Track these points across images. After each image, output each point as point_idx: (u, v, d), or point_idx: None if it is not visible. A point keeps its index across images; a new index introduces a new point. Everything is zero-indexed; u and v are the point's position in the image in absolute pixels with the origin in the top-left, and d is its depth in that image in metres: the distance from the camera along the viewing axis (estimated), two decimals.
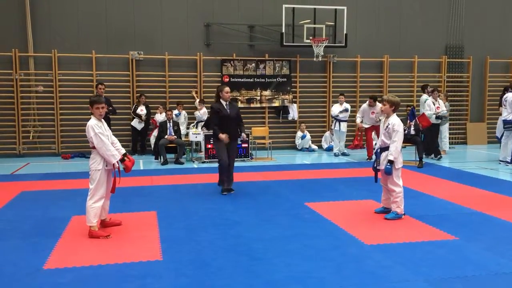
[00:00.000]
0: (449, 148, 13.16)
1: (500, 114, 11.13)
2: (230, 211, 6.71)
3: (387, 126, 6.16)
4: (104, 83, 11.92)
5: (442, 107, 11.91)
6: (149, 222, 6.13)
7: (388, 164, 6.06)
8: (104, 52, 12.78)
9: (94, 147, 5.45)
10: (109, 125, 10.39)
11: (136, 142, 12.79)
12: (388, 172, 6.07)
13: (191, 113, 13.07)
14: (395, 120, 6.14)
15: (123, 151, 5.75)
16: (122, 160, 5.56)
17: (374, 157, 6.57)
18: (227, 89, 7.85)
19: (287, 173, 9.80)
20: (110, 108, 11.44)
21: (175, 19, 13.21)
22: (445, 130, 12.85)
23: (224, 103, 7.79)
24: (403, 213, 6.22)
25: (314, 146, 13.69)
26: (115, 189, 5.67)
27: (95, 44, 12.72)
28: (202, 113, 12.37)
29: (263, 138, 12.79)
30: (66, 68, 12.65)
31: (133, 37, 12.97)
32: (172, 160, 11.41)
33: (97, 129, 5.41)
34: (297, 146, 13.75)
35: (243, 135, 8.55)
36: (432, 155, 11.66)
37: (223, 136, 7.67)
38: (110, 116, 11.57)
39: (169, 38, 13.17)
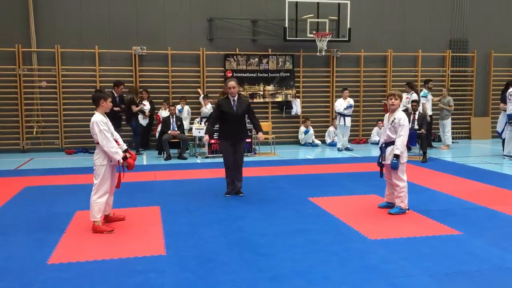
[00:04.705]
0: (452, 142, 13.12)
1: (504, 110, 11.10)
2: (234, 206, 6.71)
3: (393, 121, 6.14)
4: (106, 79, 11.90)
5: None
6: (153, 217, 6.14)
7: (394, 158, 6.04)
8: (107, 47, 12.77)
9: (98, 143, 5.44)
10: (120, 124, 10.43)
11: (142, 138, 12.78)
12: (395, 166, 6.05)
13: (195, 108, 13.07)
14: (401, 115, 6.12)
15: (125, 146, 5.74)
16: (124, 158, 5.53)
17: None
18: (230, 83, 7.06)
19: (290, 168, 9.79)
20: (123, 106, 11.31)
21: (178, 14, 13.18)
22: (448, 124, 12.82)
23: (231, 98, 7.10)
24: (407, 208, 6.21)
25: (317, 141, 13.67)
26: (120, 184, 5.67)
27: (98, 40, 12.70)
28: (209, 108, 12.37)
29: (266, 133, 12.75)
30: (69, 64, 12.65)
31: (136, 32, 12.95)
32: (175, 155, 11.42)
33: (102, 125, 5.40)
34: (300, 141, 13.73)
35: (260, 134, 7.27)
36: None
37: (205, 137, 7.46)
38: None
39: (172, 33, 13.15)
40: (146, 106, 12.46)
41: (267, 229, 5.59)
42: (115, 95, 10.64)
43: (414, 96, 11.75)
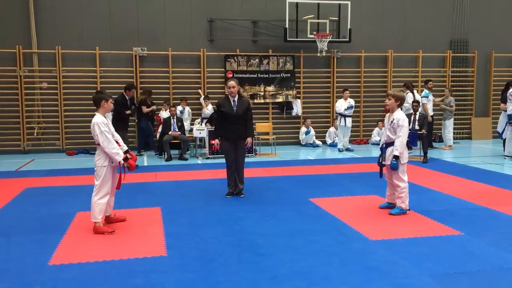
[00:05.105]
0: (453, 143, 13.09)
1: (505, 110, 11.09)
2: (234, 206, 6.71)
3: (392, 121, 6.13)
4: (107, 80, 11.90)
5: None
6: (154, 218, 6.14)
7: (394, 159, 6.04)
8: (108, 48, 12.78)
9: (99, 144, 5.45)
10: (127, 126, 10.39)
11: (143, 139, 12.79)
12: (394, 167, 6.05)
13: (195, 109, 13.08)
14: (400, 115, 6.10)
15: (125, 148, 5.75)
16: (126, 159, 5.53)
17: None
18: (230, 83, 7.07)
19: (291, 169, 9.79)
20: (133, 107, 11.22)
21: (179, 15, 13.19)
22: (448, 125, 12.80)
23: (231, 99, 7.09)
24: (408, 208, 6.20)
25: (318, 142, 13.67)
26: (120, 185, 5.67)
27: (99, 41, 12.72)
28: (210, 109, 12.38)
29: (267, 133, 12.78)
30: (70, 65, 12.66)
31: (136, 33, 12.96)
32: (176, 156, 11.42)
33: (103, 127, 5.40)
34: (301, 142, 13.73)
35: (248, 139, 7.19)
36: None
37: (216, 141, 7.18)
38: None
39: (173, 34, 13.16)
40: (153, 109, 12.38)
41: (268, 230, 5.59)
42: (126, 98, 10.58)
43: (410, 96, 11.76)
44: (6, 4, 12.31)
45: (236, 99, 7.10)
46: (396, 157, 6.02)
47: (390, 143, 6.15)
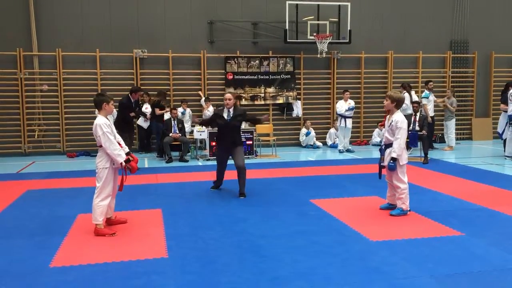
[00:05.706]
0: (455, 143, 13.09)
1: (505, 111, 11.09)
2: (235, 208, 6.72)
3: (390, 123, 6.13)
4: (107, 82, 11.89)
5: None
6: (155, 219, 6.15)
7: (391, 161, 6.04)
8: (108, 50, 12.79)
9: (101, 146, 5.46)
10: (132, 127, 10.42)
11: (143, 141, 12.82)
12: (391, 169, 6.06)
13: (196, 111, 13.09)
14: (398, 117, 6.10)
15: (127, 149, 5.76)
16: (127, 161, 5.54)
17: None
18: (226, 95, 7.55)
19: (291, 170, 9.80)
20: (137, 109, 11.24)
21: (179, 17, 13.20)
22: (450, 126, 12.79)
23: (226, 110, 7.47)
24: (408, 209, 6.21)
25: (318, 143, 13.67)
26: (122, 187, 5.68)
27: (99, 43, 12.73)
28: (211, 111, 12.37)
29: (268, 135, 12.78)
30: (71, 67, 12.67)
31: (137, 35, 12.97)
32: (176, 158, 11.42)
33: (105, 128, 5.41)
34: (302, 143, 13.74)
35: (264, 117, 8.38)
36: None
37: (196, 120, 8.55)
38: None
39: (173, 36, 13.17)
40: (148, 109, 12.42)
41: (269, 231, 5.60)
42: (132, 100, 10.63)
43: (407, 97, 11.73)
44: (7, 7, 12.34)
45: (231, 110, 7.47)
46: (394, 159, 6.03)
47: (389, 145, 6.15)
